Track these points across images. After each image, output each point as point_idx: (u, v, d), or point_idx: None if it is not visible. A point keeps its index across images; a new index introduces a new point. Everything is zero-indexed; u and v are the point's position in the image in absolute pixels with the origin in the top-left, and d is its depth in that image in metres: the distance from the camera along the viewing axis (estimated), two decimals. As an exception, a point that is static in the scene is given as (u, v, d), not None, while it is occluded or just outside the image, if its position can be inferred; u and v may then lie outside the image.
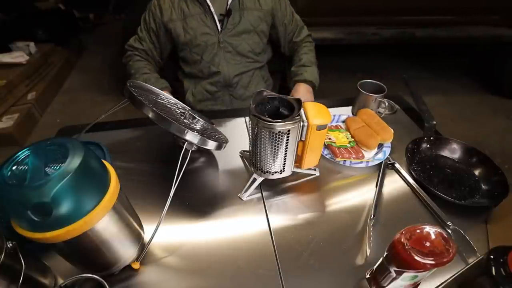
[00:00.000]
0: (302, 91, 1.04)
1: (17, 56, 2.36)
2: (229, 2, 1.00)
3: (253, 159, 0.66)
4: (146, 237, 0.58)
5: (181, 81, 1.14)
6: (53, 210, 0.37)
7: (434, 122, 0.84)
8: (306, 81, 1.07)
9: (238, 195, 0.69)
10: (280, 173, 0.66)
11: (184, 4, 1.00)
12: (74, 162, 0.39)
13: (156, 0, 1.02)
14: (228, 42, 1.04)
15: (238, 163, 0.78)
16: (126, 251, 0.52)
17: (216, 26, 1.02)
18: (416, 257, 0.40)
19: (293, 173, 0.69)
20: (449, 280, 0.48)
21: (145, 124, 0.89)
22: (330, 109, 0.62)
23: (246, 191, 0.69)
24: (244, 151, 0.80)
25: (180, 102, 0.81)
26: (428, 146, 0.81)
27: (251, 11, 1.03)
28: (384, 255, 0.47)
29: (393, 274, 0.45)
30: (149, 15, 1.03)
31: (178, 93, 1.12)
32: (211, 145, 0.63)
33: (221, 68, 1.06)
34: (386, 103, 0.90)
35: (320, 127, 0.59)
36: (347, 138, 0.83)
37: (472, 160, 0.77)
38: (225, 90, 1.11)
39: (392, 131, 0.82)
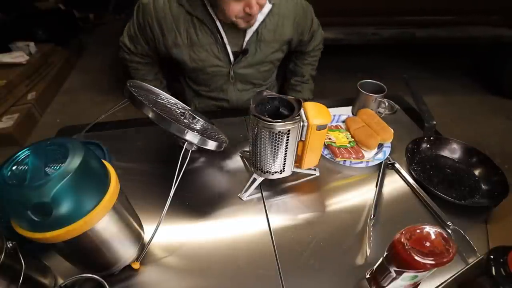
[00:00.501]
0: None
1: (17, 56, 2.36)
2: (246, 39, 0.89)
3: (253, 159, 0.66)
4: (146, 237, 0.58)
5: (183, 87, 1.09)
6: (53, 210, 0.37)
7: (434, 122, 0.84)
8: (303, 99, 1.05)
9: (238, 195, 0.69)
10: (280, 173, 0.66)
11: (192, 29, 0.85)
12: (74, 162, 0.39)
13: (153, 10, 0.84)
14: (240, 74, 0.97)
15: (238, 163, 0.78)
16: (126, 251, 0.52)
17: (229, 59, 0.92)
18: (416, 257, 0.40)
19: (293, 173, 0.69)
20: (449, 280, 0.48)
21: (145, 124, 0.88)
22: (330, 109, 0.61)
23: (246, 191, 0.69)
24: (244, 151, 0.80)
25: (180, 102, 0.81)
26: (428, 146, 0.81)
27: (269, 43, 0.93)
28: (384, 255, 0.47)
29: (393, 274, 0.45)
30: (144, 20, 0.87)
31: (179, 95, 1.09)
32: (211, 145, 0.63)
33: (229, 96, 1.02)
34: (386, 103, 0.90)
35: (320, 127, 0.59)
36: (347, 138, 0.83)
37: (472, 160, 0.77)
38: (230, 109, 1.07)
39: (392, 131, 0.82)
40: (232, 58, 0.92)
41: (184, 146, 0.61)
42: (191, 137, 0.59)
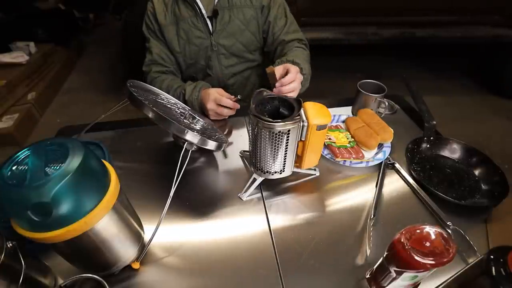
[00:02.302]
0: (294, 70, 0.84)
1: (17, 56, 2.37)
2: (216, 1, 0.96)
3: (253, 159, 0.66)
4: (146, 237, 0.58)
5: None
6: (53, 210, 0.37)
7: (434, 122, 0.84)
8: (294, 62, 0.90)
9: (238, 195, 0.69)
10: (280, 173, 0.66)
11: (176, 7, 0.97)
12: (74, 162, 0.39)
13: (150, 7, 0.99)
14: (221, 44, 1.01)
15: (238, 163, 0.78)
16: (126, 251, 0.52)
17: (208, 28, 0.99)
18: (416, 257, 0.40)
19: (293, 173, 0.69)
20: (449, 280, 0.48)
21: (145, 124, 0.89)
22: (330, 109, 0.62)
23: (246, 191, 0.69)
24: (244, 151, 0.80)
25: (180, 102, 0.81)
26: (428, 146, 0.81)
27: (241, 8, 0.99)
28: (384, 255, 0.47)
29: (393, 274, 0.45)
30: (148, 19, 1.01)
31: None
32: (211, 145, 0.63)
33: (214, 71, 1.05)
34: (386, 103, 0.90)
35: (320, 127, 0.59)
36: (347, 138, 0.83)
37: (472, 160, 0.77)
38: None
39: (392, 131, 0.82)
40: (210, 28, 0.99)
41: (184, 146, 0.61)
42: (191, 137, 0.59)
